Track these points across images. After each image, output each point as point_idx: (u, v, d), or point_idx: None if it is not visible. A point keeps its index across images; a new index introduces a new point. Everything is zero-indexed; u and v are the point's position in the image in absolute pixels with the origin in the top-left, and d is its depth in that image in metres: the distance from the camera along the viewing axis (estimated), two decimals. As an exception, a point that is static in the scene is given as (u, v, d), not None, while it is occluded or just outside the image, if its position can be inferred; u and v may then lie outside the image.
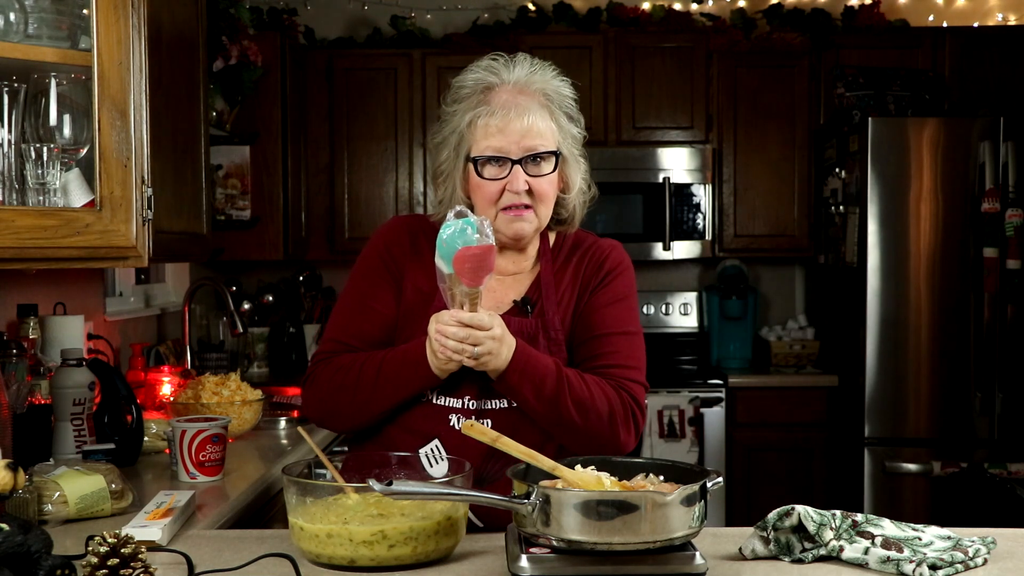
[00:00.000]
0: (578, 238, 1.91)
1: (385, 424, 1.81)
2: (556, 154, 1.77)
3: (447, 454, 1.71)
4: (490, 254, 1.60)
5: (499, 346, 1.64)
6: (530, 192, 1.76)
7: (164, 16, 2.40)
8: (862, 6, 4.77)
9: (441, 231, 1.60)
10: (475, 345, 1.62)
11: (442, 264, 1.61)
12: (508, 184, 1.75)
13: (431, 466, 1.72)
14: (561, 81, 1.85)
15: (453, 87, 1.82)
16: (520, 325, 1.78)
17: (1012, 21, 4.88)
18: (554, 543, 1.37)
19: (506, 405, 1.76)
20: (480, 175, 1.76)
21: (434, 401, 1.78)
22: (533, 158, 1.75)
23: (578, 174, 1.83)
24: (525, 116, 1.74)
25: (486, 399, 1.77)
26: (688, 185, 4.66)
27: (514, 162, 1.74)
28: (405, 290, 1.83)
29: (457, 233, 1.58)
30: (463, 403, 1.77)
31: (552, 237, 1.90)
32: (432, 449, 1.73)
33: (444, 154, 1.82)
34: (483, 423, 1.72)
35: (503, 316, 1.75)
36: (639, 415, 1.78)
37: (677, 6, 4.88)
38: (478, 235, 1.58)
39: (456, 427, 1.74)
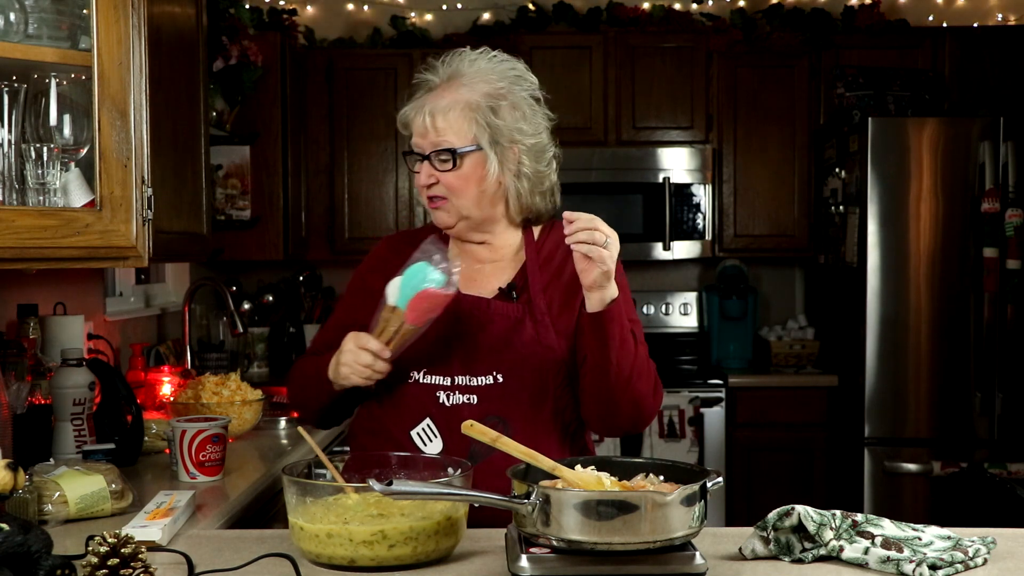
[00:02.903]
0: (561, 228, 1.93)
1: (374, 409, 1.86)
2: (454, 152, 1.81)
3: (439, 432, 1.76)
4: (448, 302, 1.69)
5: (612, 273, 1.68)
6: (441, 185, 1.83)
7: (164, 16, 2.40)
8: (862, 6, 4.77)
9: (412, 262, 1.68)
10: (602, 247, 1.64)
11: (392, 293, 1.66)
12: (419, 179, 1.85)
13: (425, 445, 1.77)
14: (492, 73, 1.86)
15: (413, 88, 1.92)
16: (505, 309, 1.84)
17: (1012, 21, 4.88)
18: (554, 543, 1.37)
19: (491, 381, 1.80)
20: (409, 167, 1.89)
21: (421, 380, 1.82)
22: (438, 154, 1.82)
23: (507, 163, 1.85)
24: (436, 115, 1.82)
25: (471, 375, 1.81)
26: (688, 185, 4.66)
27: (424, 157, 1.84)
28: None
29: (425, 271, 1.67)
30: (451, 380, 1.81)
31: (537, 230, 1.96)
32: (424, 428, 1.78)
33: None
34: (467, 399, 1.79)
35: (489, 300, 1.84)
36: (662, 394, 1.86)
37: (677, 6, 4.88)
38: (446, 279, 1.67)
39: (446, 404, 1.80)
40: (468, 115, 1.81)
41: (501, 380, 1.81)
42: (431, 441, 1.78)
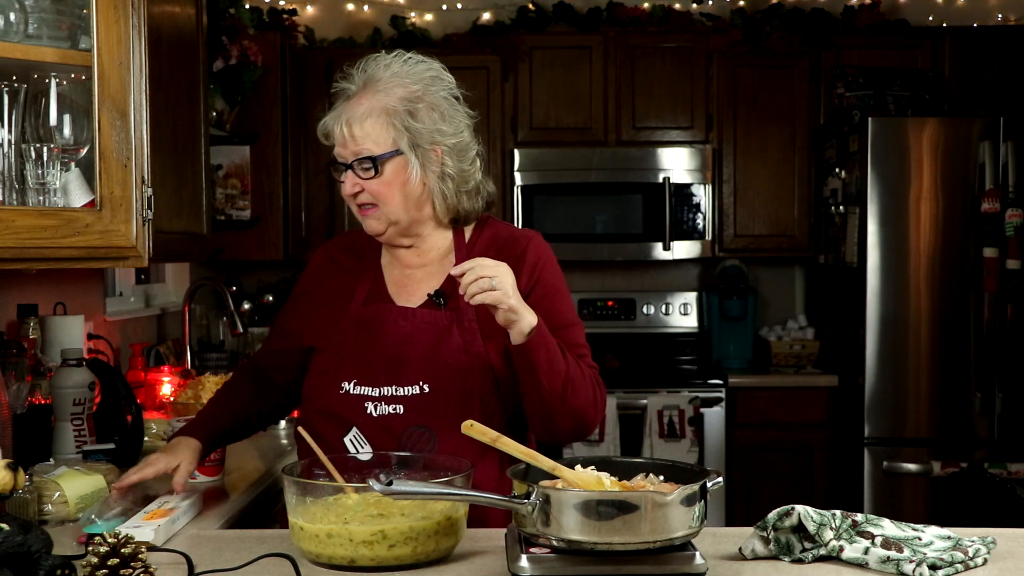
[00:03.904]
0: (496, 231, 1.95)
1: (311, 418, 1.88)
2: (374, 160, 1.80)
3: (367, 440, 1.79)
4: None
5: (518, 304, 1.66)
6: (367, 192, 1.83)
7: (164, 16, 2.40)
8: (862, 6, 4.77)
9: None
10: (490, 279, 1.63)
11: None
12: (344, 188, 1.85)
13: (357, 452, 1.78)
14: (407, 76, 1.84)
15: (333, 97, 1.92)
16: (433, 318, 1.84)
17: (1012, 21, 4.88)
18: (554, 543, 1.37)
19: (418, 391, 1.81)
20: (334, 177, 1.87)
21: (352, 391, 1.83)
22: (360, 162, 1.81)
23: (428, 167, 1.83)
24: (354, 123, 1.81)
25: (398, 385, 1.81)
26: (688, 185, 4.66)
27: (346, 167, 1.83)
28: (318, 322, 1.92)
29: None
30: (379, 391, 1.82)
31: (468, 232, 1.94)
32: (354, 437, 1.80)
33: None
34: (394, 409, 1.80)
35: (416, 309, 1.84)
36: (604, 399, 1.85)
37: (677, 6, 4.88)
38: None
39: (373, 414, 1.81)
40: (385, 120, 1.80)
41: (428, 390, 1.80)
42: (363, 448, 1.80)
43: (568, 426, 1.79)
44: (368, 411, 1.81)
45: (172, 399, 2.88)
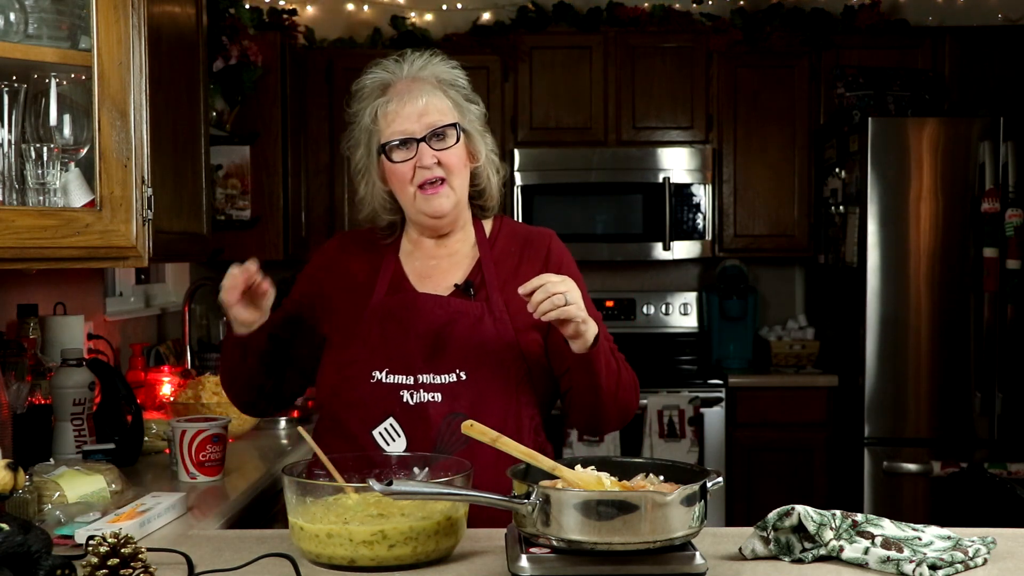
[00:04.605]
0: (512, 227, 1.99)
1: (336, 411, 1.86)
2: (456, 126, 1.85)
3: (403, 431, 1.76)
4: None
5: (588, 316, 1.70)
6: (441, 165, 1.84)
7: (164, 16, 2.40)
8: (862, 6, 4.77)
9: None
10: (563, 295, 1.65)
11: None
12: (417, 161, 1.83)
13: (388, 444, 1.77)
14: (451, 66, 1.92)
15: (353, 91, 1.94)
16: (464, 307, 1.84)
17: (1012, 21, 4.88)
18: (554, 543, 1.37)
19: (455, 379, 1.81)
20: (391, 160, 1.84)
21: (384, 380, 1.82)
22: (436, 134, 1.83)
23: (484, 146, 1.91)
24: (421, 97, 1.84)
25: (436, 373, 1.81)
26: (688, 185, 4.66)
27: (419, 140, 1.83)
28: (337, 310, 1.92)
29: None
30: (415, 379, 1.81)
31: (488, 226, 1.97)
32: (387, 428, 1.78)
33: (358, 153, 1.92)
34: (432, 397, 1.79)
35: (449, 298, 1.85)
36: (638, 384, 1.90)
37: (677, 6, 4.88)
38: None
39: (410, 403, 1.80)
40: (449, 98, 1.86)
41: (465, 378, 1.81)
42: (394, 440, 1.78)
43: (615, 419, 1.85)
44: (404, 399, 1.80)
45: (172, 399, 2.88)
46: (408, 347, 1.82)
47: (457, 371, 1.81)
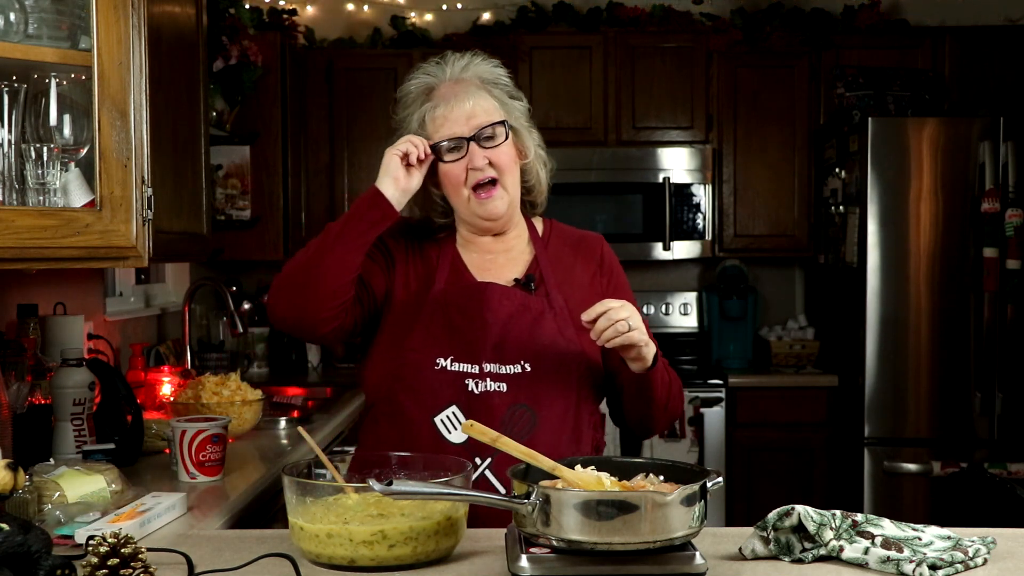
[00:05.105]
0: (561, 228, 2.03)
1: (396, 394, 1.84)
2: (504, 124, 1.86)
3: (465, 419, 1.76)
4: None
5: (648, 339, 1.74)
6: (492, 165, 1.84)
7: (164, 16, 2.40)
8: (862, 6, 4.76)
9: None
10: (626, 322, 1.66)
11: None
12: (469, 163, 1.84)
13: (448, 432, 1.77)
14: (492, 65, 1.94)
15: (398, 97, 1.94)
16: (527, 300, 1.85)
17: (1012, 21, 4.88)
18: (554, 543, 1.37)
19: (520, 370, 1.81)
20: (443, 160, 1.85)
21: (448, 368, 1.81)
22: (485, 133, 1.84)
23: (532, 142, 1.93)
24: (467, 99, 1.85)
25: (501, 364, 1.81)
26: (688, 185, 4.66)
27: (468, 140, 1.83)
28: (396, 286, 1.89)
29: None
30: (480, 368, 1.81)
31: (539, 225, 1.99)
32: (449, 415, 1.78)
33: None
34: (498, 387, 1.80)
35: (514, 290, 1.86)
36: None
37: (677, 6, 4.88)
38: None
39: (474, 391, 1.80)
40: (495, 97, 1.88)
41: (529, 369, 1.81)
42: (455, 429, 1.78)
43: (663, 426, 1.92)
44: (468, 388, 1.80)
45: (172, 399, 2.87)
46: (475, 336, 1.82)
47: (522, 362, 1.82)
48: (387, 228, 1.83)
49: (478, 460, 1.76)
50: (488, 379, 1.80)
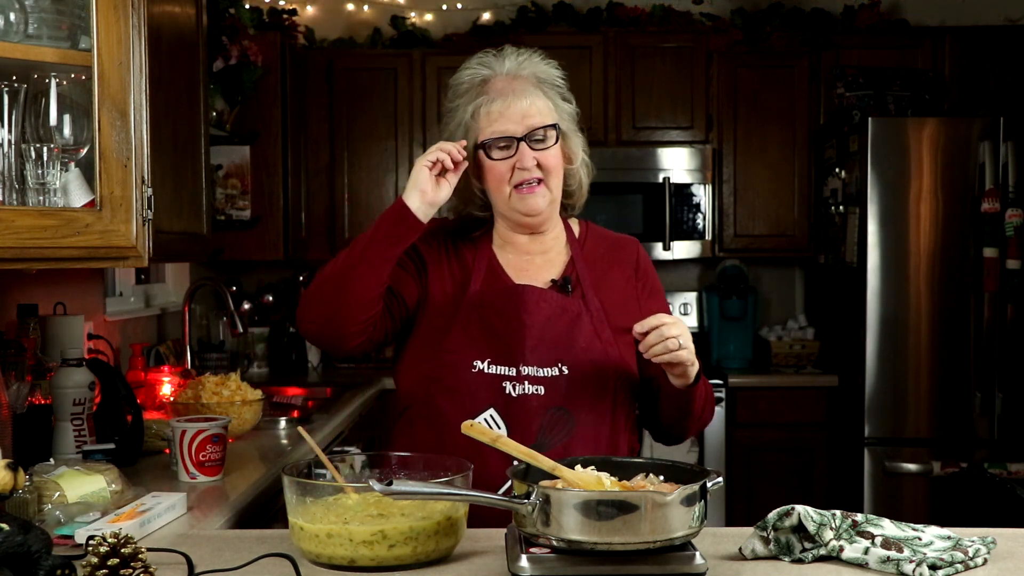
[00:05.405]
0: (597, 230, 2.02)
1: (433, 396, 1.84)
2: (556, 127, 1.85)
3: (503, 422, 1.76)
4: None
5: (694, 359, 1.77)
6: (539, 167, 1.84)
7: (164, 16, 2.40)
8: (862, 6, 4.77)
9: None
10: (676, 339, 1.69)
11: None
12: (517, 162, 1.83)
13: None
14: (548, 64, 1.95)
15: (452, 85, 1.92)
16: (564, 303, 1.85)
17: (1013, 21, 4.88)
18: (554, 543, 1.37)
19: (557, 373, 1.81)
20: (490, 158, 1.84)
21: (486, 370, 1.81)
22: (536, 135, 1.83)
23: (578, 147, 1.92)
24: (523, 98, 1.84)
25: (539, 366, 1.81)
26: (688, 185, 4.66)
27: (519, 140, 1.82)
28: (432, 289, 1.88)
29: None
30: (517, 370, 1.80)
31: (575, 227, 1.99)
32: (488, 418, 1.78)
33: None
34: (536, 389, 1.79)
35: (551, 292, 1.86)
36: None
37: (677, 6, 4.88)
38: None
39: (512, 394, 1.79)
40: (548, 97, 1.88)
41: (567, 372, 1.81)
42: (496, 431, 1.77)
43: (695, 432, 1.96)
44: (506, 391, 1.80)
45: (172, 399, 2.87)
46: (512, 338, 1.81)
47: (559, 365, 1.81)
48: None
49: (515, 462, 1.73)
50: (526, 382, 1.80)
